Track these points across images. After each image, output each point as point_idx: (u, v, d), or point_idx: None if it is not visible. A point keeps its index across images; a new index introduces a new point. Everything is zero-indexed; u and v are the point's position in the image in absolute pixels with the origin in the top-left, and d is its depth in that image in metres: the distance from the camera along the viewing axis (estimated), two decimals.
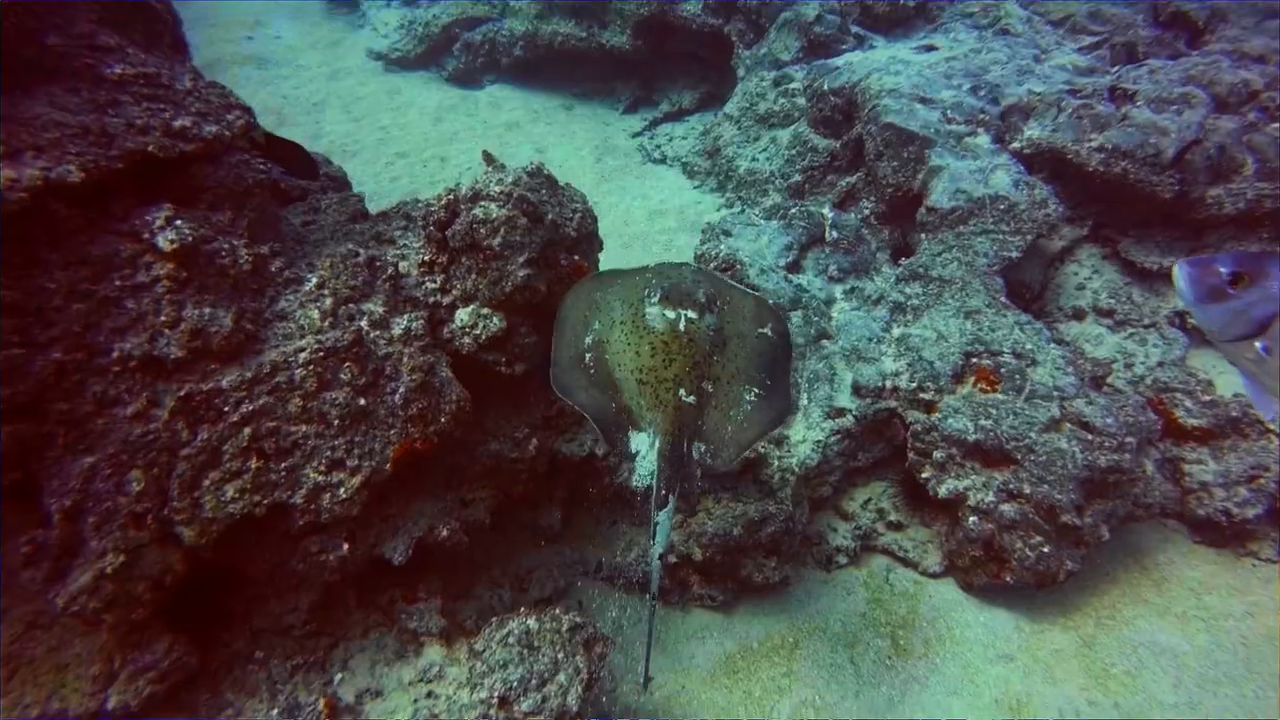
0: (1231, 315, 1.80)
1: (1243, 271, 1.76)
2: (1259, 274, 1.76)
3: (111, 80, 2.04)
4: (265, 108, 6.39)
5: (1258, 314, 1.77)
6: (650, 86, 6.43)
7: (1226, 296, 1.78)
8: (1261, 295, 1.76)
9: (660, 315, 2.34)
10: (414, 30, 7.09)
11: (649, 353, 2.30)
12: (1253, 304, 1.77)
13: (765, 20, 5.26)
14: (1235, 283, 1.77)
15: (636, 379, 2.27)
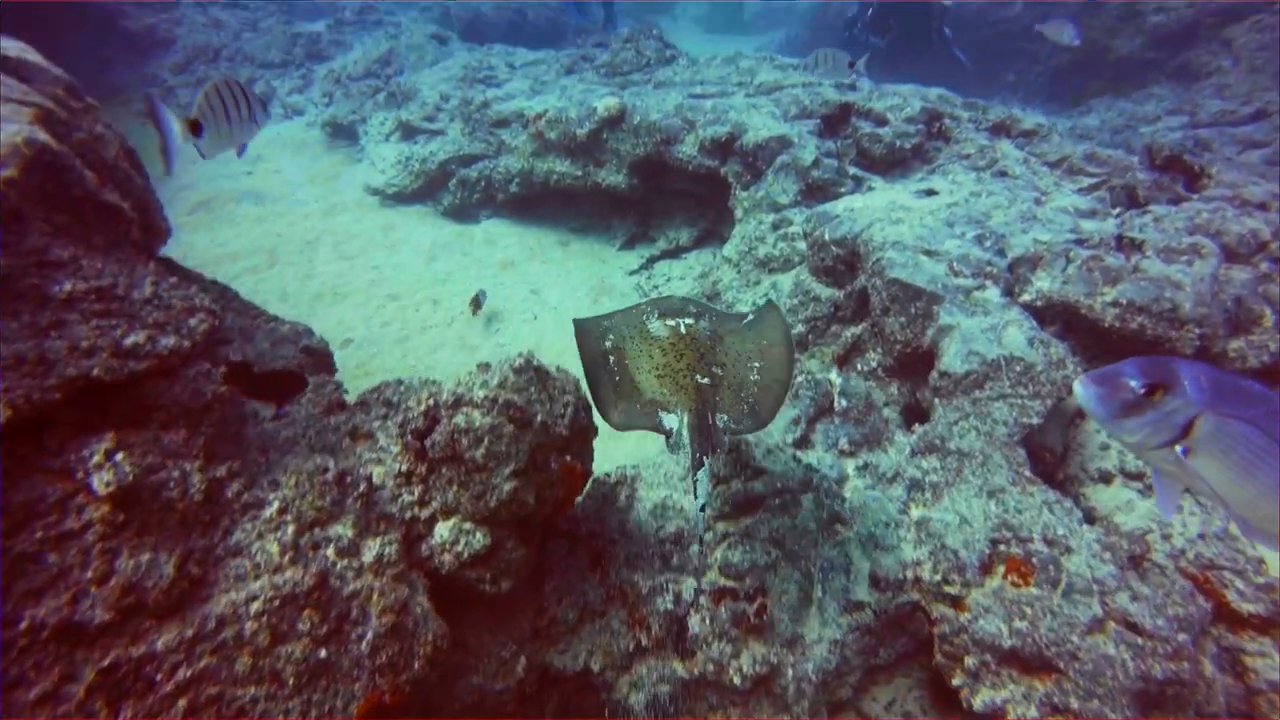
0: (1154, 427, 1.80)
1: (1158, 382, 1.77)
2: (1172, 381, 1.78)
3: (59, 300, 1.86)
4: (258, 247, 6.34)
5: (1180, 420, 1.77)
6: (647, 223, 6.39)
7: (1143, 409, 1.79)
8: (1181, 402, 1.76)
9: (662, 326, 2.77)
10: (411, 166, 7.11)
11: (660, 354, 2.68)
12: (1173, 412, 1.77)
13: (762, 163, 5.23)
14: (1150, 394, 1.78)
15: (655, 375, 2.61)
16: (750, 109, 5.66)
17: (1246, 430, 1.75)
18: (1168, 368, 1.81)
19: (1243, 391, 1.78)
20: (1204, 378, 1.78)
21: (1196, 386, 1.76)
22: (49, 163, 2.00)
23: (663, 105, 5.86)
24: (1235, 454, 1.76)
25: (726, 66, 6.79)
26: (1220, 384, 1.78)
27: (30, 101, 2.30)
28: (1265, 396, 1.79)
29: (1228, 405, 1.76)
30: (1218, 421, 1.75)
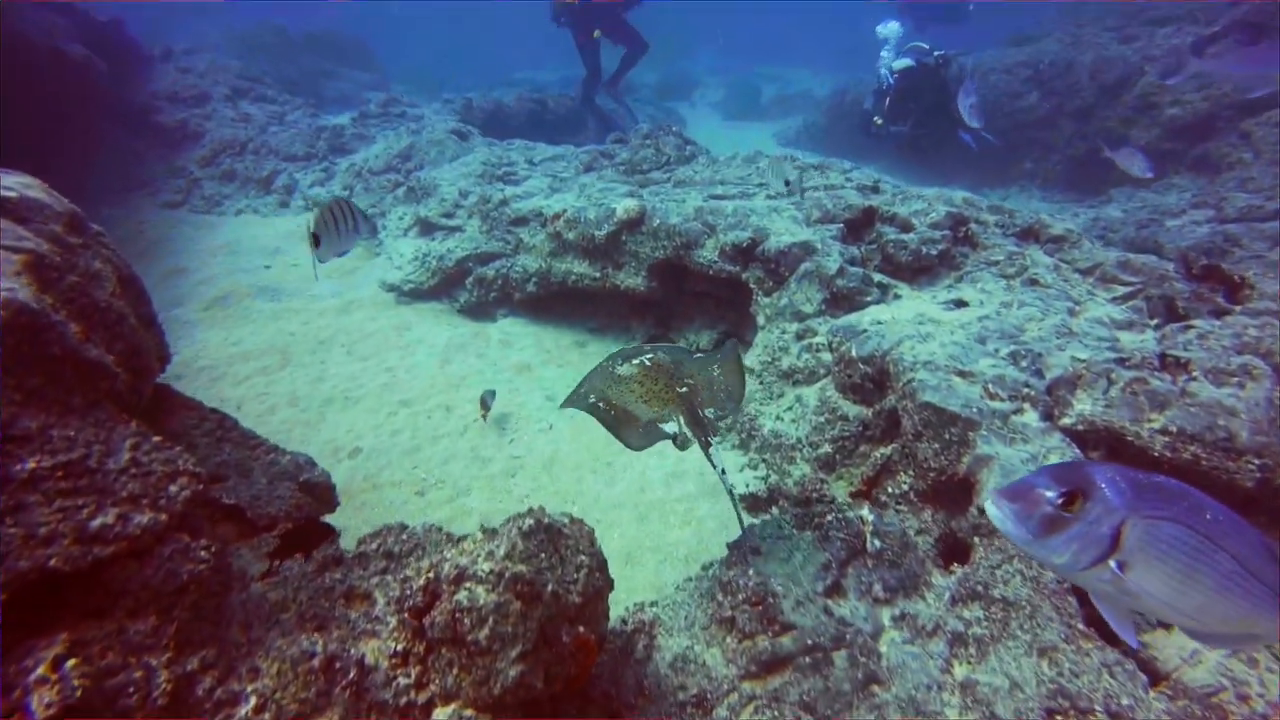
0: (1080, 543, 1.65)
1: (1073, 490, 1.64)
2: (1088, 487, 1.65)
3: (19, 480, 1.69)
4: (271, 346, 6.25)
5: (1105, 530, 1.63)
6: (666, 324, 6.26)
7: (1065, 524, 1.64)
8: (1102, 509, 1.63)
9: (629, 366, 3.17)
10: (428, 263, 7.07)
11: (638, 386, 3.10)
12: (1097, 521, 1.63)
13: (785, 269, 5.09)
14: (1069, 504, 1.64)
15: (643, 402, 3.07)
16: (772, 213, 5.57)
17: (1176, 531, 1.63)
18: (1081, 472, 1.70)
19: (1161, 489, 1.68)
20: (1120, 478, 1.67)
21: (1116, 489, 1.65)
22: (26, 324, 1.87)
23: (683, 208, 5.79)
24: (1172, 559, 1.64)
25: (747, 166, 6.75)
26: (1138, 483, 1.67)
27: (22, 247, 2.19)
28: (1183, 491, 1.69)
29: (1150, 506, 1.64)
30: (1146, 526, 1.63)
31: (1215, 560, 1.65)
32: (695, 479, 4.66)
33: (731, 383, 3.21)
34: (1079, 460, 1.84)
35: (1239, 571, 1.66)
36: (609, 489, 4.66)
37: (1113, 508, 1.63)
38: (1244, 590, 1.66)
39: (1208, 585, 1.65)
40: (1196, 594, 1.66)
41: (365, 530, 4.36)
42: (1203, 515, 1.65)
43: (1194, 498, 1.68)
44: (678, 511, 4.42)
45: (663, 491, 4.58)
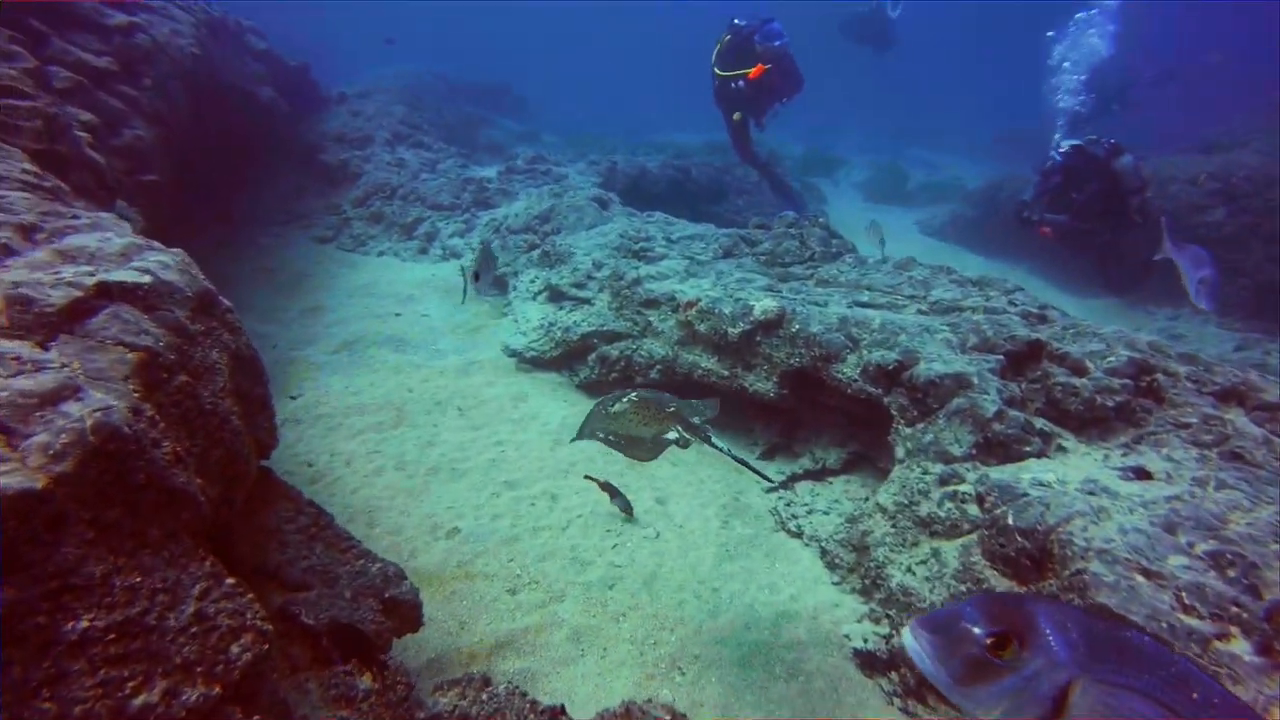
0: (1012, 701, 1.28)
1: (1006, 632, 1.29)
2: (1028, 630, 1.29)
3: (67, 643, 1.49)
4: (388, 401, 6.21)
5: (1047, 689, 1.26)
6: (792, 433, 5.83)
7: (996, 673, 1.29)
8: (1044, 661, 1.27)
9: (620, 404, 3.67)
10: (553, 333, 6.94)
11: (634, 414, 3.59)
12: (1035, 677, 1.27)
13: (933, 401, 4.61)
14: (1000, 648, 1.29)
15: (643, 425, 3.59)
16: (923, 332, 5.10)
17: (1144, 707, 1.24)
18: (1022, 610, 1.33)
19: (1128, 646, 1.30)
20: (1072, 625, 1.32)
21: (1063, 638, 1.29)
22: (114, 451, 1.70)
23: (825, 314, 5.41)
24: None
25: (897, 275, 6.30)
26: (1095, 634, 1.31)
27: (139, 344, 2.06)
28: (1159, 656, 1.30)
29: (1109, 667, 1.28)
30: (1101, 694, 1.26)
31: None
32: (807, 623, 4.18)
33: (700, 409, 3.85)
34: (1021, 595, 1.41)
35: None
36: (712, 620, 4.24)
37: (1057, 662, 1.27)
38: None
39: None
40: None
41: (451, 623, 4.14)
42: (1186, 693, 1.24)
43: (1174, 666, 1.28)
44: (785, 660, 3.95)
45: (769, 633, 4.12)
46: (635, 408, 3.59)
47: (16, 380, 1.71)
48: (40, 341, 1.94)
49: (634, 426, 3.59)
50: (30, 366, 1.78)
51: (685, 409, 3.68)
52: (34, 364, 1.80)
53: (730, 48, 11.51)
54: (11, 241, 2.60)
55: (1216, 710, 1.24)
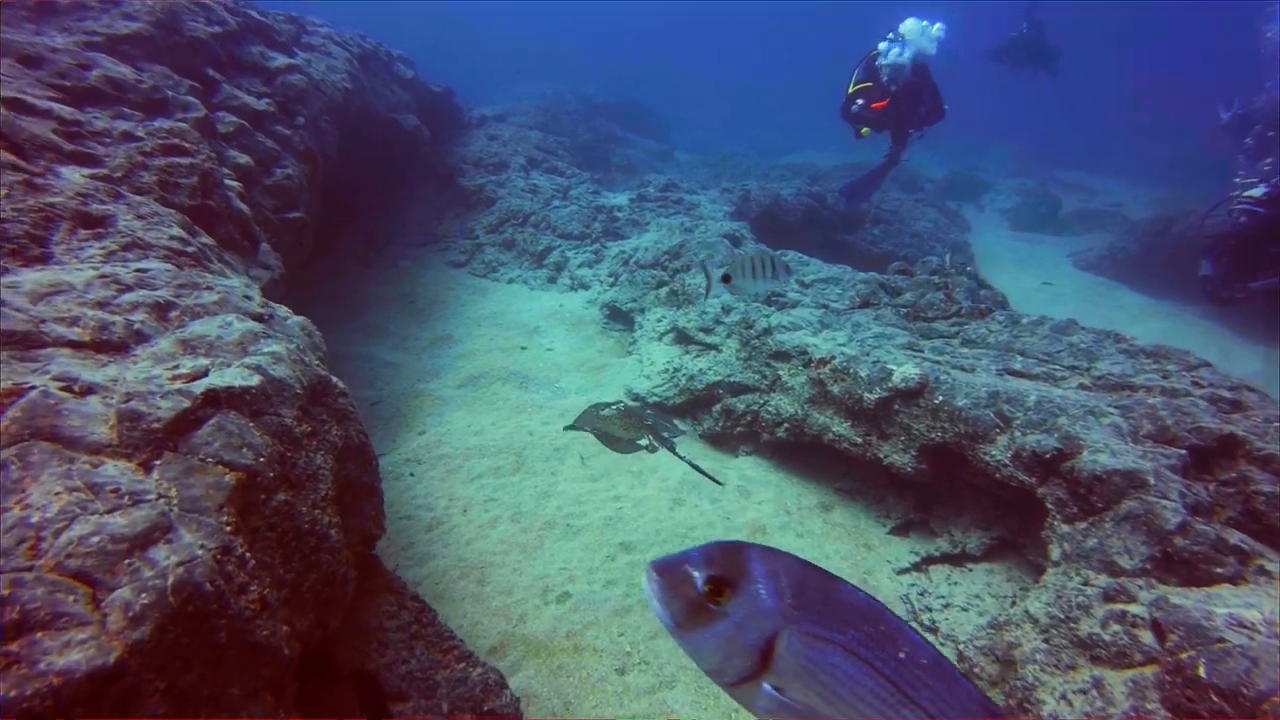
0: (726, 649, 1.24)
1: (721, 576, 1.26)
2: (739, 576, 1.26)
3: None
4: (509, 445, 6.19)
5: (755, 639, 1.23)
6: (929, 508, 5.40)
7: (711, 618, 1.25)
8: (751, 609, 1.24)
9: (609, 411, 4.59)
10: (677, 380, 6.74)
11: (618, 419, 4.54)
12: (744, 625, 1.24)
13: (1098, 499, 4.11)
14: (716, 593, 1.25)
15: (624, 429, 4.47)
16: (1086, 414, 4.58)
17: (846, 663, 1.21)
18: (739, 556, 1.31)
19: (837, 601, 1.27)
20: (784, 574, 1.28)
21: (772, 586, 1.26)
22: (194, 612, 1.63)
23: (972, 385, 4.96)
24: (838, 702, 1.22)
25: (1056, 340, 5.73)
26: (805, 587, 1.27)
27: (238, 463, 2.01)
28: (870, 611, 1.26)
29: (814, 619, 1.24)
30: (804, 646, 1.23)
31: (899, 714, 1.21)
32: None
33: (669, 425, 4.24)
34: (752, 543, 1.33)
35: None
36: None
37: (764, 611, 1.25)
38: None
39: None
40: None
41: (556, 703, 4.01)
42: (891, 650, 1.23)
43: (884, 623, 1.25)
44: None
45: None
46: (620, 415, 4.40)
47: (112, 519, 1.68)
48: (144, 461, 1.93)
49: (616, 429, 4.44)
50: (127, 500, 1.76)
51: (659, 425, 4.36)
52: (131, 497, 1.77)
53: (869, 62, 10.88)
54: (145, 325, 2.65)
55: (922, 669, 1.23)
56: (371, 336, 8.33)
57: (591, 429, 4.51)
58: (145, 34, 6.21)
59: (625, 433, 4.55)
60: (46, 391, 2.02)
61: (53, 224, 3.16)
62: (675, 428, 4.56)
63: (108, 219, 3.38)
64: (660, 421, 4.56)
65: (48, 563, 1.57)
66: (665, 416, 4.65)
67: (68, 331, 2.46)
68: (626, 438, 4.56)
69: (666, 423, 4.63)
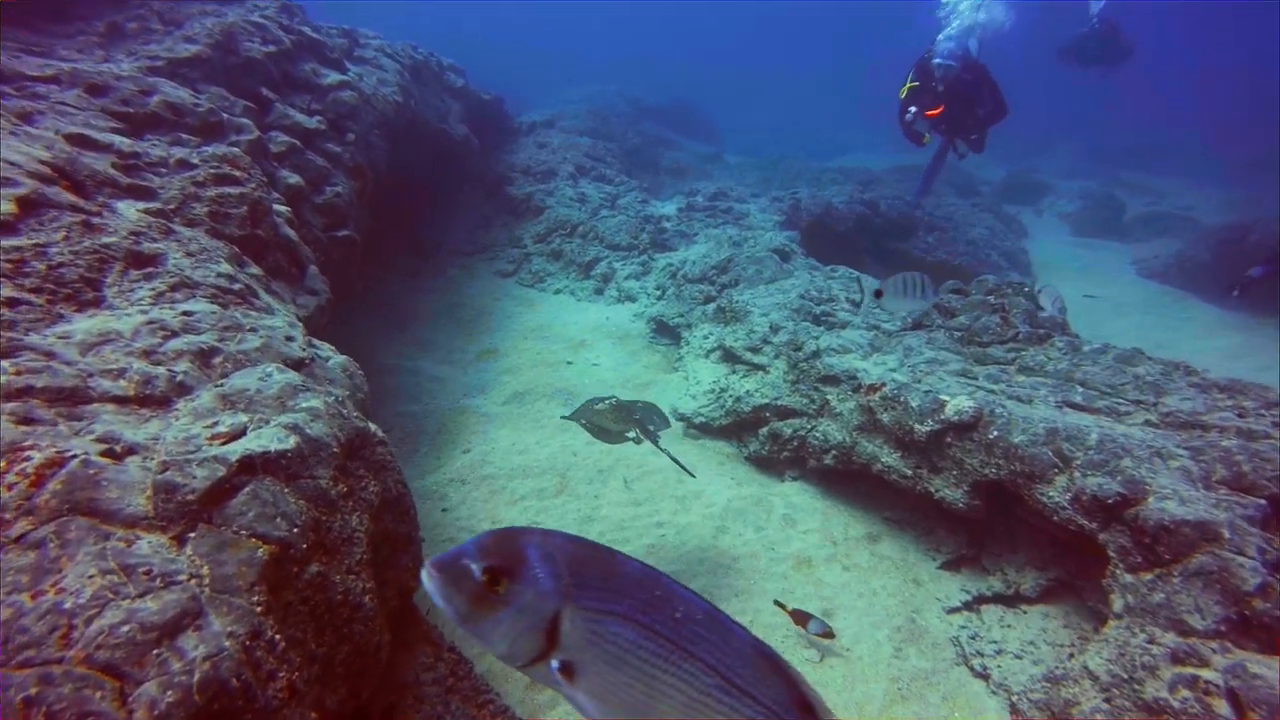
0: (514, 633, 1.31)
1: (498, 565, 1.31)
2: (516, 563, 1.31)
3: None
4: (553, 465, 6.18)
5: (535, 621, 1.31)
6: (981, 543, 5.22)
7: (496, 605, 1.31)
8: (533, 593, 1.31)
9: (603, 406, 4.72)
10: (723, 401, 6.66)
11: (610, 412, 4.66)
12: (528, 608, 1.30)
13: (1165, 550, 3.90)
14: (494, 582, 1.30)
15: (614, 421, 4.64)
16: (1153, 456, 4.36)
17: (625, 630, 1.31)
18: (514, 542, 1.35)
19: (613, 574, 1.36)
20: (560, 555, 1.35)
21: (549, 569, 1.33)
22: (221, 710, 1.61)
23: (1029, 420, 4.77)
24: (626, 667, 1.31)
25: (1119, 371, 5.47)
26: (581, 562, 1.35)
27: (272, 536, 2.01)
28: (644, 578, 1.37)
29: (592, 594, 1.32)
30: (586, 621, 1.31)
31: (685, 672, 1.31)
32: None
33: (658, 418, 4.75)
34: (526, 528, 1.39)
35: (720, 687, 1.32)
36: None
37: (543, 593, 1.32)
38: (727, 711, 1.31)
39: (677, 705, 1.31)
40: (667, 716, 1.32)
41: None
42: (667, 612, 1.33)
43: (659, 588, 1.36)
44: None
45: None
46: (612, 409, 4.67)
47: (143, 604, 1.69)
48: (178, 535, 1.94)
49: (607, 422, 4.63)
50: (159, 583, 1.77)
51: (646, 418, 4.68)
52: (163, 579, 1.78)
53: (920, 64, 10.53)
54: (187, 375, 2.67)
55: (699, 624, 1.33)
56: (419, 349, 8.40)
57: (585, 422, 4.74)
58: (204, 56, 6.33)
59: (615, 425, 4.67)
60: (87, 460, 2.03)
61: (106, 265, 3.21)
62: (661, 422, 4.74)
63: (158, 258, 3.42)
64: (648, 415, 4.73)
65: (77, 654, 1.57)
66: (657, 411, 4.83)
67: (113, 386, 2.49)
68: (616, 429, 4.68)
69: (654, 416, 4.77)
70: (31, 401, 2.31)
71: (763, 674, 1.35)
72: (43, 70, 5.04)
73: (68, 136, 4.09)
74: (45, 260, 3.04)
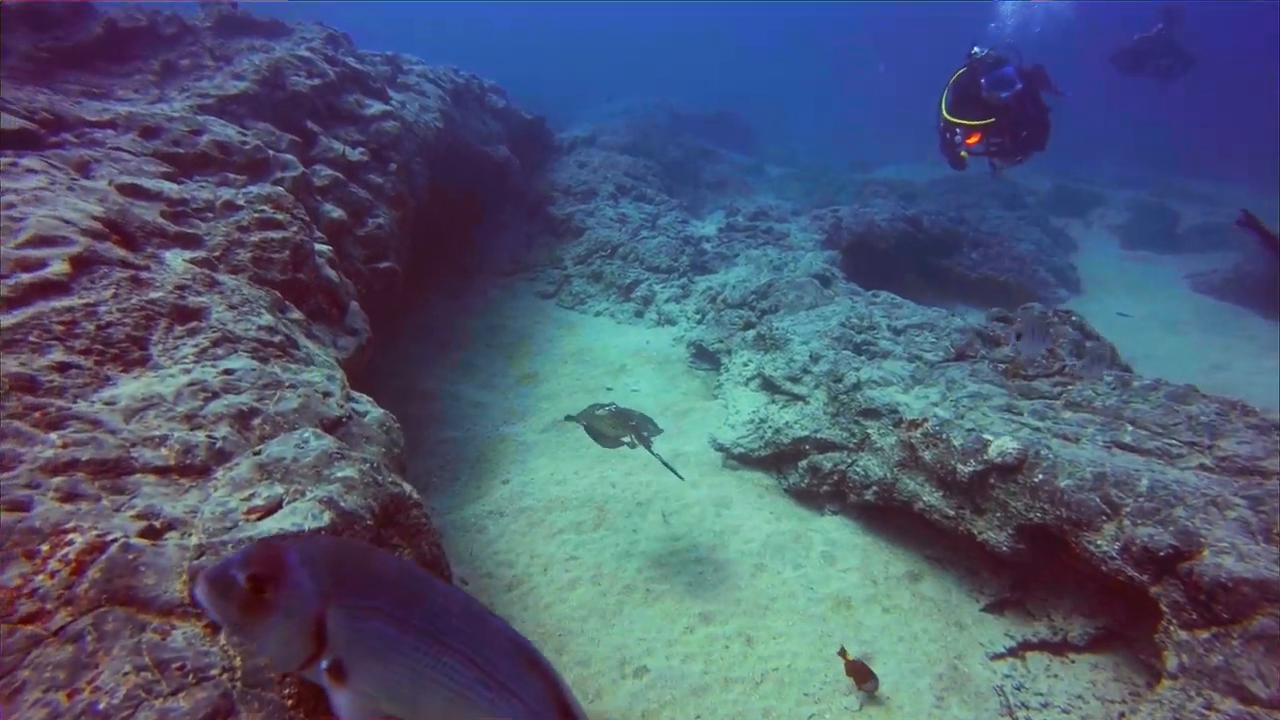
0: (279, 636, 1.36)
1: (260, 573, 1.35)
2: (278, 568, 1.36)
3: None
4: (590, 497, 6.20)
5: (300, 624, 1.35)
6: (1025, 587, 5.11)
7: (265, 611, 1.35)
8: (297, 596, 1.35)
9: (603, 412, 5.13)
10: (763, 432, 6.62)
11: (609, 418, 5.06)
12: (295, 612, 1.35)
13: (1223, 609, 3.76)
14: (259, 590, 1.35)
15: (611, 426, 5.01)
16: (1208, 506, 4.22)
17: (384, 627, 1.36)
18: (275, 549, 1.39)
19: (372, 573, 1.42)
20: (321, 557, 1.40)
21: (311, 571, 1.37)
22: None
23: (1076, 463, 4.65)
24: (391, 664, 1.36)
25: (1171, 410, 5.30)
26: (343, 562, 1.41)
27: None
28: (405, 575, 1.45)
29: (353, 592, 1.38)
30: (347, 619, 1.36)
31: (445, 666, 1.36)
32: None
33: (652, 426, 5.11)
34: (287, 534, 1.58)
35: (480, 680, 1.36)
36: None
37: (306, 594, 1.36)
38: (487, 705, 1.35)
39: (441, 699, 1.35)
40: (432, 711, 1.36)
41: None
42: (424, 607, 1.38)
43: (417, 584, 1.42)
44: None
45: None
46: (611, 415, 5.07)
47: (175, 703, 1.75)
48: (213, 623, 1.98)
49: (606, 427, 5.01)
50: (191, 679, 1.83)
51: (642, 425, 5.04)
52: (195, 674, 1.84)
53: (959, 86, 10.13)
54: (226, 441, 2.74)
55: (455, 616, 1.38)
56: (461, 373, 8.49)
57: (587, 424, 5.09)
58: (251, 92, 6.49)
59: (612, 430, 5.01)
60: (127, 544, 2.09)
61: (152, 322, 3.30)
62: (655, 428, 5.10)
63: (202, 311, 3.51)
64: (643, 423, 5.08)
65: None
66: (651, 421, 5.18)
67: (154, 456, 2.56)
68: (613, 434, 5.01)
69: (650, 423, 5.13)
70: (77, 475, 2.39)
71: (522, 670, 1.40)
72: (100, 115, 5.21)
73: (120, 187, 4.22)
74: (95, 320, 3.13)
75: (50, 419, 2.57)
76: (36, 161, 4.10)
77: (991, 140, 9.12)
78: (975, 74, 9.40)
